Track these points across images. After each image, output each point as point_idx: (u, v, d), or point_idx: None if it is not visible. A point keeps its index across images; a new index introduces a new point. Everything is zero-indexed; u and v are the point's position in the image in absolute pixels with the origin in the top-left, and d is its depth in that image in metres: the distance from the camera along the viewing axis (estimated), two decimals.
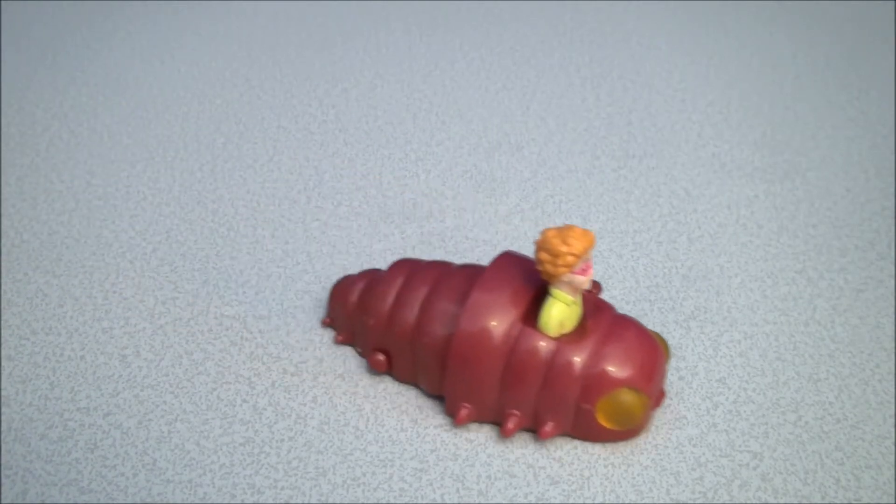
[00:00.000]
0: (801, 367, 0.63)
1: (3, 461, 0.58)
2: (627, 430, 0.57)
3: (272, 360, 0.64)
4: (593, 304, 0.57)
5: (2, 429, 0.60)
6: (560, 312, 0.54)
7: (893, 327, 0.65)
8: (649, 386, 0.56)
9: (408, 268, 0.62)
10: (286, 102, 0.89)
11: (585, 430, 0.57)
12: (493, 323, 0.55)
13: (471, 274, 0.59)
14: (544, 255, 0.52)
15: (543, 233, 0.53)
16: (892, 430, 0.59)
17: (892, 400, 0.61)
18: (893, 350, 0.64)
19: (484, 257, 0.72)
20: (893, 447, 0.58)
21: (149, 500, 0.56)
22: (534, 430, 0.58)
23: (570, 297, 0.54)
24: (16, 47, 0.98)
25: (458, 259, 0.71)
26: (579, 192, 0.78)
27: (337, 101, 0.89)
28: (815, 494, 0.55)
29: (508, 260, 0.58)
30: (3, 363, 0.64)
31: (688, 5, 1.01)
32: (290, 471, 0.57)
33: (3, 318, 0.68)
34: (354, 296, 0.63)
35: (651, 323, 0.66)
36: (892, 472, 0.56)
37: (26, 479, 0.57)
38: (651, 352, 0.56)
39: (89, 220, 0.76)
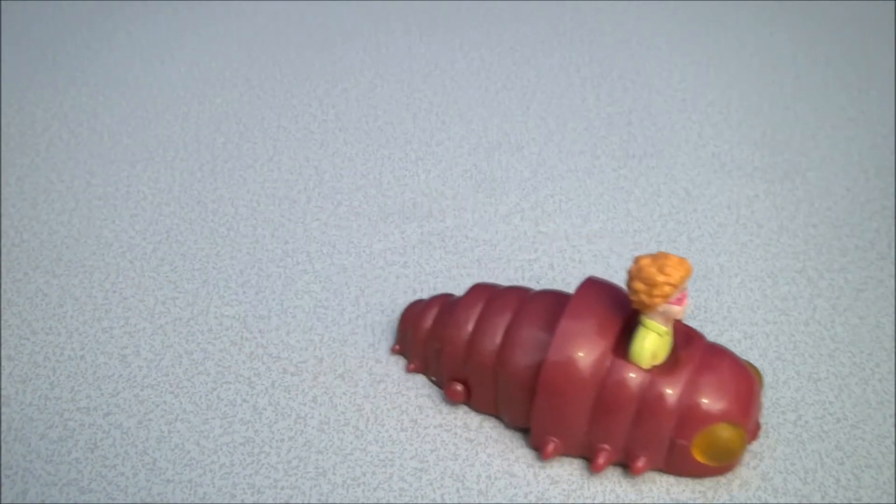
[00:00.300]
0: (801, 366, 0.63)
1: (3, 461, 0.58)
2: (723, 465, 0.55)
3: (272, 360, 0.64)
4: (684, 333, 0.55)
5: (2, 428, 0.60)
6: (653, 343, 0.52)
7: (893, 327, 0.65)
8: (747, 420, 0.53)
9: (486, 293, 0.59)
10: (286, 102, 0.89)
11: (679, 465, 0.55)
12: (584, 353, 0.52)
13: (554, 300, 0.57)
14: (639, 285, 0.50)
15: (637, 261, 0.50)
16: (892, 429, 0.59)
17: (892, 400, 0.61)
18: (893, 350, 0.64)
19: (484, 257, 0.72)
20: (893, 447, 0.58)
21: (149, 500, 0.56)
22: (624, 464, 0.56)
23: (663, 328, 0.52)
24: (16, 47, 0.98)
25: (458, 258, 0.71)
26: (579, 191, 0.78)
27: (337, 101, 0.89)
28: (815, 494, 0.55)
29: (594, 286, 0.55)
30: (3, 363, 0.64)
31: (688, 5, 1.01)
32: (290, 471, 0.57)
33: (3, 317, 0.68)
34: (428, 322, 0.60)
35: None
36: (892, 472, 0.56)
37: (26, 478, 0.57)
38: (747, 383, 0.54)
39: (89, 220, 0.76)
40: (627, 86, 0.89)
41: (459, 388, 0.58)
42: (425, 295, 0.68)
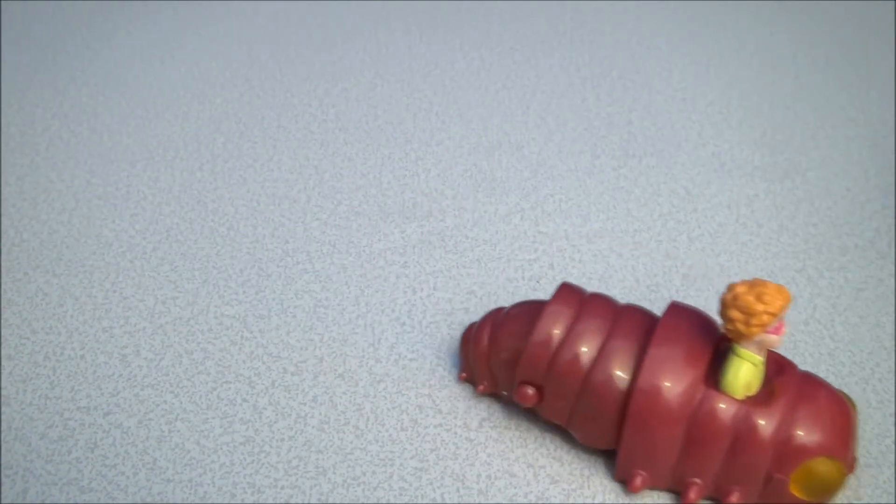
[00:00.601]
0: (801, 365, 0.63)
1: (3, 460, 0.58)
2: (821, 501, 0.53)
3: (272, 360, 0.64)
4: (775, 361, 0.54)
5: (2, 428, 0.60)
6: (747, 373, 0.50)
7: (893, 326, 0.65)
8: (846, 453, 0.51)
9: (576, 298, 0.56)
10: (286, 102, 0.89)
11: (776, 500, 0.52)
12: (673, 383, 0.50)
13: (646, 320, 0.54)
14: (736, 314, 0.48)
15: (732, 289, 0.49)
16: (892, 429, 0.59)
17: (892, 400, 0.61)
18: (893, 349, 0.64)
19: (484, 257, 0.72)
20: (893, 447, 0.58)
21: (149, 500, 0.56)
22: (716, 499, 0.54)
23: (757, 357, 0.50)
24: (16, 47, 0.98)
25: (458, 258, 0.71)
26: (579, 191, 0.78)
27: (337, 101, 0.89)
28: None
29: (680, 312, 0.53)
30: (3, 363, 0.64)
31: (688, 5, 1.01)
32: (291, 470, 0.57)
33: (3, 317, 0.68)
34: (485, 338, 0.58)
35: None
36: (892, 472, 0.56)
37: (26, 478, 0.57)
38: (845, 415, 0.52)
39: (89, 220, 0.76)
40: (627, 86, 0.89)
41: (531, 391, 0.55)
42: (425, 293, 0.69)
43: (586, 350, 0.53)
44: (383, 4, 1.03)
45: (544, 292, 0.68)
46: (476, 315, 0.67)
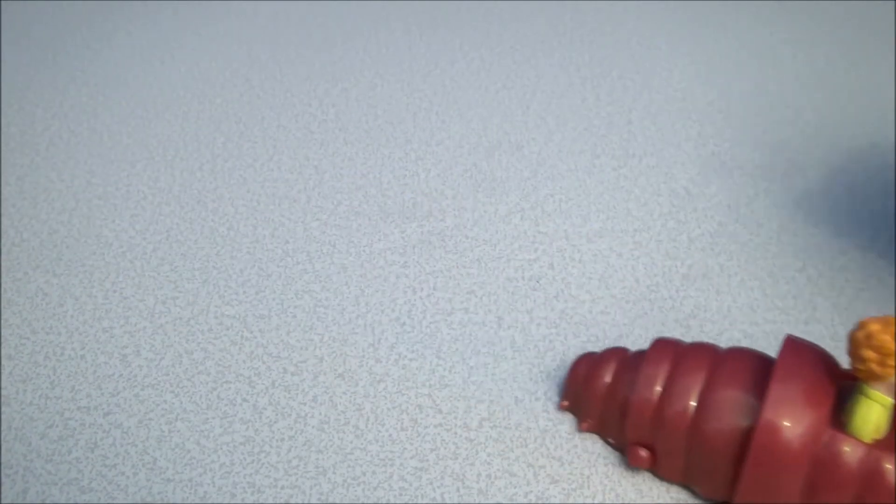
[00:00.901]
0: None
1: (3, 460, 0.58)
2: None
3: (272, 360, 0.64)
4: None
5: (2, 428, 0.60)
6: (878, 416, 0.47)
7: None
8: None
9: (672, 349, 0.54)
10: (286, 102, 0.89)
11: None
12: (796, 423, 0.47)
13: (753, 360, 0.52)
14: (870, 354, 0.46)
15: (864, 326, 0.46)
16: None
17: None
18: None
19: (484, 257, 0.72)
20: None
21: (149, 500, 0.56)
22: None
23: (888, 399, 0.47)
24: (16, 47, 0.98)
25: (458, 258, 0.71)
26: (579, 191, 0.78)
27: (337, 101, 0.89)
28: None
29: (798, 347, 0.51)
30: (3, 362, 0.64)
31: (688, 5, 1.01)
32: (291, 470, 0.57)
33: (3, 317, 0.68)
34: (606, 378, 0.56)
35: (651, 322, 0.66)
36: None
37: (27, 477, 0.57)
38: None
39: (89, 220, 0.76)
40: (627, 86, 0.89)
41: (644, 453, 0.53)
42: (425, 293, 0.69)
43: (690, 402, 0.51)
44: (383, 4, 1.03)
45: (544, 292, 0.68)
46: (478, 318, 0.67)
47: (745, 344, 0.64)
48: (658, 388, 0.52)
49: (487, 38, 0.97)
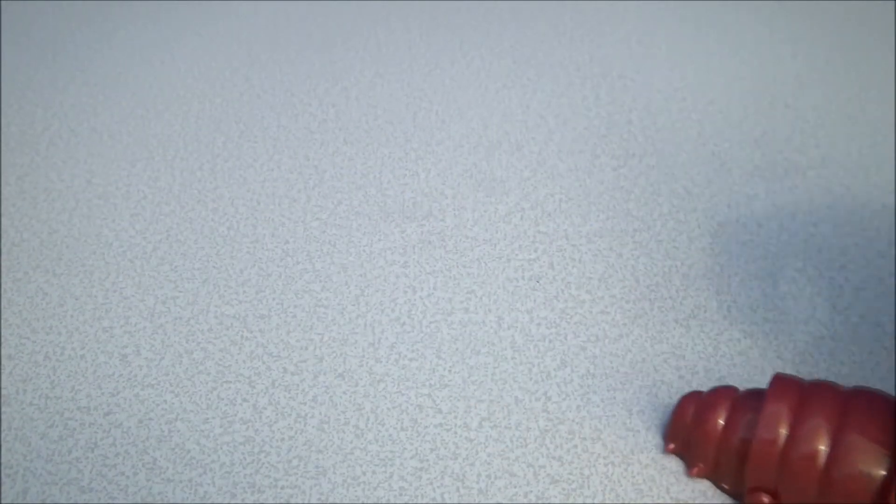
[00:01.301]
0: (800, 365, 0.63)
1: (3, 460, 0.58)
2: None
3: (272, 360, 0.64)
4: None
5: (2, 428, 0.60)
6: None
7: (893, 326, 0.65)
8: None
9: (794, 388, 0.51)
10: (286, 102, 0.89)
11: None
12: None
13: (879, 403, 0.48)
14: None
15: None
16: None
17: None
18: (893, 349, 0.64)
19: (484, 257, 0.72)
20: None
21: (149, 500, 0.56)
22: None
23: None
24: (16, 47, 0.98)
25: (458, 258, 0.71)
26: (579, 190, 0.78)
27: (337, 101, 0.89)
28: None
29: None
30: (3, 362, 0.64)
31: (688, 5, 1.01)
32: (291, 470, 0.57)
33: (3, 317, 0.68)
34: (719, 420, 0.52)
35: (651, 322, 0.66)
36: None
37: (27, 477, 0.57)
38: None
39: (89, 219, 0.76)
40: (627, 85, 0.89)
41: (767, 500, 0.50)
42: (425, 293, 0.69)
43: (820, 447, 0.48)
44: (383, 4, 1.03)
45: (544, 292, 0.68)
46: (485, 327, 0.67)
47: (745, 344, 0.64)
48: (783, 430, 0.49)
49: (487, 38, 0.97)
